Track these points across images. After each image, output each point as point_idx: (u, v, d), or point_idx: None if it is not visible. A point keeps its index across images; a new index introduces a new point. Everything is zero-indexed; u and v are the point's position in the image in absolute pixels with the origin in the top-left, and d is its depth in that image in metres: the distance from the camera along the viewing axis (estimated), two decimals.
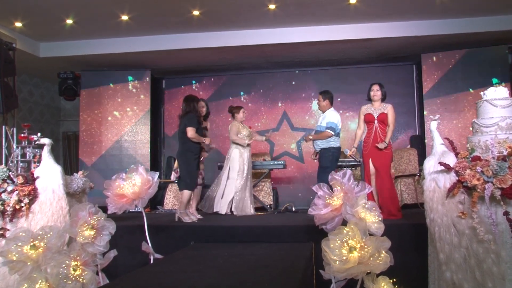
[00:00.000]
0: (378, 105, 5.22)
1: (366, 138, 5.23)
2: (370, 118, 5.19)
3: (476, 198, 3.47)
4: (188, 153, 5.42)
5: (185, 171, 5.42)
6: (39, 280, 3.23)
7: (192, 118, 5.40)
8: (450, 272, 3.46)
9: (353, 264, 2.99)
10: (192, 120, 5.38)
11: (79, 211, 3.70)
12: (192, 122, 5.37)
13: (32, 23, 6.67)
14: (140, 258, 4.38)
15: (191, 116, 5.41)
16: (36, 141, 4.65)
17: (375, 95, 5.22)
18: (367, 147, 5.20)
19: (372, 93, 5.24)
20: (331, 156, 5.56)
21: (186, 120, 5.40)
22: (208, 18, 6.58)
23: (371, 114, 5.19)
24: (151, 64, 8.22)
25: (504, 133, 3.81)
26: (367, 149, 5.20)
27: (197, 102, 5.60)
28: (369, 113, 5.22)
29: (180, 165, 5.50)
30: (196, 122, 5.41)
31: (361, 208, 3.53)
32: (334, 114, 5.70)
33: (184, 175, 5.43)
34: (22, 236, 3.44)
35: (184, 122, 5.42)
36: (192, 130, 5.33)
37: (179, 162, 5.53)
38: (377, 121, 5.14)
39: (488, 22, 6.70)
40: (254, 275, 3.16)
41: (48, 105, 9.45)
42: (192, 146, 5.42)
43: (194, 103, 5.52)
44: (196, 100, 5.58)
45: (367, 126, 5.26)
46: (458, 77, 7.39)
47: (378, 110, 5.18)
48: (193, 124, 5.36)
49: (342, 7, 6.28)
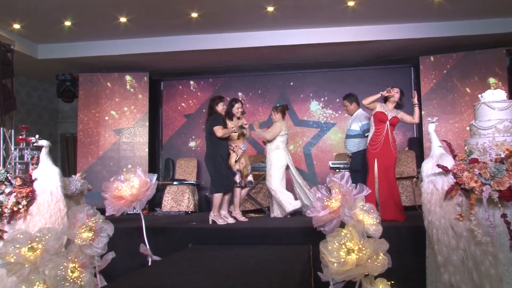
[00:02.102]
0: (391, 107, 5.11)
1: (375, 137, 5.06)
2: (383, 118, 5.04)
3: (474, 201, 3.48)
4: (215, 155, 5.34)
5: (213, 174, 5.34)
6: (37, 282, 3.22)
7: (216, 118, 5.37)
8: (448, 274, 3.46)
9: (351, 266, 2.99)
10: (216, 120, 5.35)
11: (77, 213, 3.70)
12: (217, 122, 5.33)
13: (31, 25, 6.67)
14: (138, 260, 4.38)
15: (214, 117, 5.38)
16: (34, 143, 4.64)
17: (393, 97, 5.08)
18: (375, 147, 5.03)
19: (391, 94, 5.07)
20: (361, 159, 5.45)
21: (210, 121, 5.37)
22: (207, 20, 6.59)
23: (385, 114, 5.04)
24: (149, 66, 8.21)
25: (502, 135, 3.82)
26: (375, 148, 5.02)
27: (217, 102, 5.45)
28: (382, 112, 5.06)
29: (209, 168, 5.39)
30: (221, 121, 5.36)
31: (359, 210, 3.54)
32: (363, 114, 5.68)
33: (213, 178, 5.34)
34: (20, 238, 3.44)
35: (209, 123, 5.37)
36: (219, 128, 5.28)
37: (207, 165, 5.43)
38: (388, 123, 5.03)
39: (485, 24, 6.72)
40: (252, 277, 3.16)
41: (46, 107, 9.44)
42: (220, 148, 5.35)
43: (213, 104, 5.45)
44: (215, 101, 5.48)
45: (377, 125, 5.07)
46: (456, 79, 7.41)
47: (392, 113, 5.07)
48: (219, 123, 5.31)
49: (340, 9, 6.29)
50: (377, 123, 5.08)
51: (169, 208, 7.35)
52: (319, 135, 8.51)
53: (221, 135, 5.29)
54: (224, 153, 5.40)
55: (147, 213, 7.30)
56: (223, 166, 5.34)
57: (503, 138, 3.79)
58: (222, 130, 5.29)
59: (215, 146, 5.35)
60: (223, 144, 5.38)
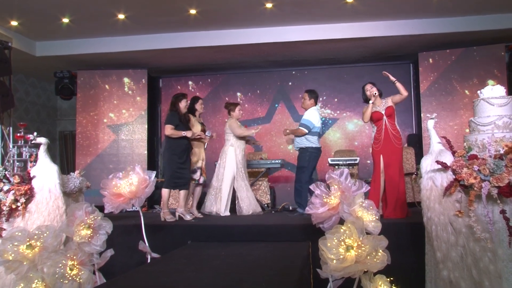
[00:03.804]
0: (379, 102, 5.16)
1: (377, 135, 5.11)
2: (379, 116, 5.09)
3: (473, 197, 3.47)
4: (168, 151, 5.39)
5: (167, 170, 5.39)
6: (35, 280, 3.20)
7: (171, 115, 5.41)
8: (447, 271, 3.46)
9: (350, 263, 2.99)
10: (169, 118, 5.39)
11: (75, 210, 3.69)
12: (169, 120, 5.37)
13: (28, 22, 6.65)
14: (137, 257, 4.38)
15: (170, 114, 5.44)
16: (33, 140, 4.62)
17: (371, 92, 5.15)
18: (378, 144, 5.08)
19: (368, 92, 5.18)
20: (308, 156, 5.60)
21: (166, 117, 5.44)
22: (205, 17, 6.57)
23: (379, 112, 5.09)
24: (148, 63, 8.20)
25: (501, 131, 3.81)
26: (378, 146, 5.07)
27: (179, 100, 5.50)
28: (375, 111, 5.12)
29: (163, 164, 5.44)
30: (175, 119, 5.37)
31: (358, 207, 3.53)
32: (314, 113, 5.72)
33: (167, 174, 5.40)
34: (18, 235, 3.42)
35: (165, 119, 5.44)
36: (168, 127, 5.31)
37: (162, 161, 5.47)
38: (385, 117, 5.07)
39: (485, 20, 6.71)
40: (251, 274, 3.16)
41: (45, 104, 9.42)
42: (173, 144, 5.36)
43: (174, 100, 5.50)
44: (177, 98, 5.52)
45: (376, 124, 5.14)
46: (455, 75, 7.40)
47: (383, 106, 5.11)
48: (169, 122, 5.35)
49: (339, 6, 6.28)
50: (376, 122, 5.15)
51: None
52: None
53: (168, 134, 5.31)
54: (179, 149, 5.37)
55: (146, 210, 7.29)
56: (175, 163, 5.34)
57: (502, 134, 3.78)
58: (171, 130, 5.30)
59: (170, 142, 5.38)
60: (179, 141, 5.37)
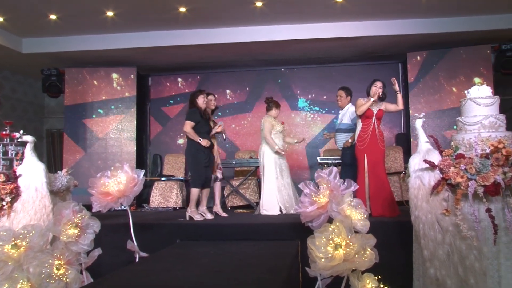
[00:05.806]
0: (376, 102, 5.10)
1: (362, 133, 5.08)
2: (369, 113, 5.05)
3: (460, 196, 3.52)
4: (192, 148, 5.26)
5: (190, 168, 5.29)
6: (20, 280, 3.16)
7: (192, 112, 5.28)
8: (434, 269, 3.50)
9: (338, 261, 3.00)
10: (189, 114, 5.27)
11: (62, 209, 3.66)
12: (189, 116, 5.25)
13: (15, 18, 6.54)
14: (125, 256, 4.35)
15: (190, 111, 5.32)
16: (19, 138, 4.57)
17: (378, 91, 5.05)
18: (363, 143, 5.05)
19: (375, 89, 5.07)
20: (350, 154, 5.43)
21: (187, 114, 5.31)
22: (195, 15, 6.54)
23: (370, 109, 5.05)
24: (136, 61, 8.13)
25: (487, 131, 3.86)
26: (363, 144, 5.05)
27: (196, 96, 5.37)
28: (369, 108, 5.06)
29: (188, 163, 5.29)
30: (196, 116, 5.24)
31: (346, 205, 3.55)
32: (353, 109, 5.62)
33: (195, 173, 5.28)
34: (3, 235, 3.37)
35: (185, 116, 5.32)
36: (188, 124, 5.20)
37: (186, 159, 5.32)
38: (375, 117, 5.06)
39: (472, 21, 6.78)
40: (240, 273, 3.16)
41: (32, 102, 9.29)
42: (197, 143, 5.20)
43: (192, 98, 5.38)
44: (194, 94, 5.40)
45: (363, 122, 5.09)
46: (442, 75, 7.47)
47: (376, 107, 5.09)
48: (189, 118, 5.23)
49: (328, 5, 6.29)
50: (364, 119, 5.11)
51: (157, 204, 7.30)
52: (306, 131, 8.53)
53: (186, 131, 5.21)
54: (201, 146, 5.21)
55: (135, 209, 7.25)
56: (201, 161, 5.23)
57: (488, 133, 3.83)
58: (190, 128, 5.17)
59: (190, 139, 5.29)
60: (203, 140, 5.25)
